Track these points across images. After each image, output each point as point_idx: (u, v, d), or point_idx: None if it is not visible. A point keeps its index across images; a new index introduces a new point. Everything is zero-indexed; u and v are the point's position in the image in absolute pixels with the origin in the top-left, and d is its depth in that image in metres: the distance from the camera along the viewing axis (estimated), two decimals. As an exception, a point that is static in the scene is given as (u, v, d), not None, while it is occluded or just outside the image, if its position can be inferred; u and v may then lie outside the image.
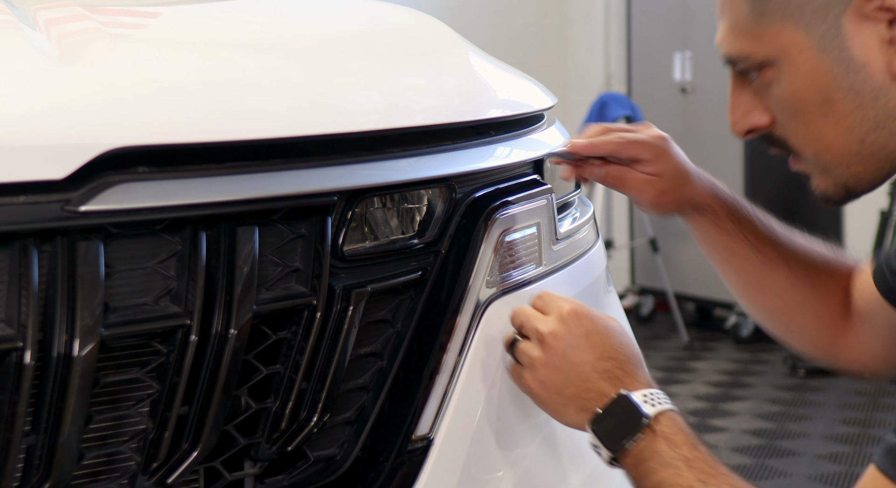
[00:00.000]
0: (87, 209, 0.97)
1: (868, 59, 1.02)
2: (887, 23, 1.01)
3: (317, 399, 1.15)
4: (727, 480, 1.08)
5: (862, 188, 1.10)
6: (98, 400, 1.05)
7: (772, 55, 1.07)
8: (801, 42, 1.04)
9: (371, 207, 1.20)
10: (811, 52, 1.04)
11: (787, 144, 1.12)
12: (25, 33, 1.11)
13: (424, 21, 1.47)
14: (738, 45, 1.09)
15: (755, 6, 1.06)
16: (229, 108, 1.10)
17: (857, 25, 1.02)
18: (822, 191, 1.12)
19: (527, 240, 1.32)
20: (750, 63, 1.09)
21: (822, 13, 1.03)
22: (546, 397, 1.19)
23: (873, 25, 1.01)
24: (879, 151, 1.06)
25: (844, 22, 1.02)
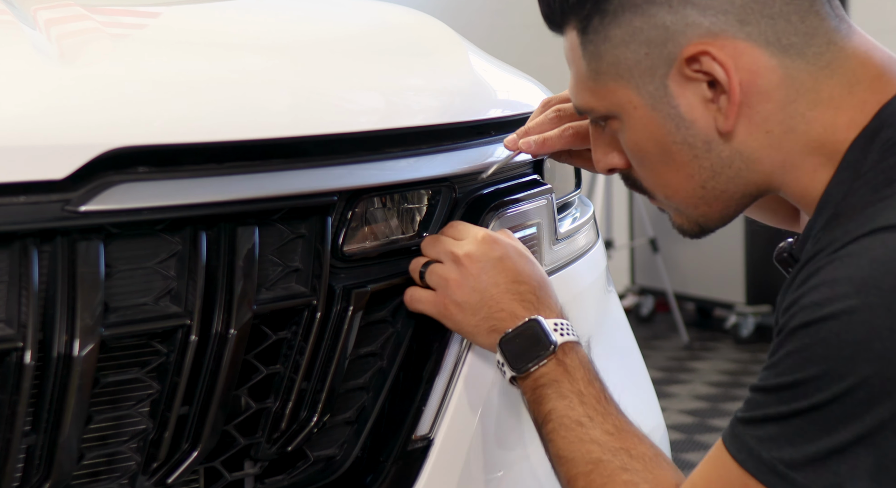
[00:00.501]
0: (87, 209, 0.97)
1: (694, 116, 1.08)
2: (707, 84, 1.07)
3: (317, 399, 1.15)
4: (613, 420, 1.14)
5: (714, 225, 1.17)
6: (98, 400, 1.05)
7: (611, 109, 1.13)
8: (635, 100, 1.10)
9: (371, 207, 1.20)
10: (644, 109, 1.10)
11: (642, 186, 1.19)
12: (25, 33, 1.11)
13: (424, 21, 1.47)
14: (582, 98, 1.16)
15: (591, 65, 1.12)
16: (229, 108, 1.10)
17: (681, 86, 1.08)
18: (679, 226, 1.19)
19: (527, 239, 1.32)
20: (595, 115, 1.16)
21: (649, 74, 1.09)
22: (461, 318, 1.21)
23: (696, 86, 1.07)
24: (721, 194, 1.12)
25: (670, 83, 1.08)
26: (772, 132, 1.08)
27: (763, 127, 1.07)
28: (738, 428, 1.02)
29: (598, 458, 1.11)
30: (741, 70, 1.05)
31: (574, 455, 1.12)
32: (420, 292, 1.22)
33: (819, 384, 0.96)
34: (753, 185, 1.12)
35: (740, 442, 1.01)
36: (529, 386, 1.17)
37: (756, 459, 0.99)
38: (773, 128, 1.07)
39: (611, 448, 1.11)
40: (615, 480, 1.10)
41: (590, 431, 1.13)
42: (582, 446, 1.12)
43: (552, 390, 1.16)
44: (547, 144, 1.32)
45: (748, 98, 1.06)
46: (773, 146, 1.08)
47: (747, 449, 1.00)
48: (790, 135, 1.07)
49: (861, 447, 0.95)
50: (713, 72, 1.05)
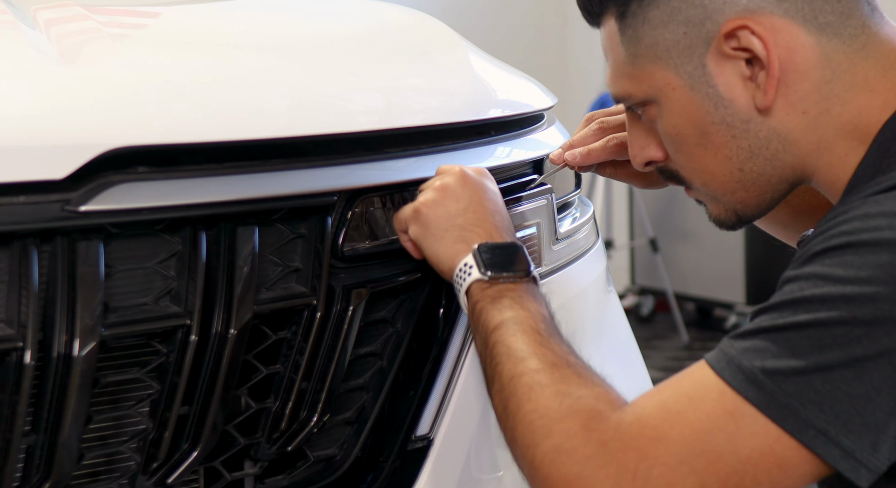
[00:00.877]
0: (87, 209, 0.97)
1: (733, 95, 1.10)
2: (745, 61, 1.08)
3: (317, 399, 1.15)
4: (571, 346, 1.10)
5: (751, 213, 1.18)
6: (98, 400, 1.05)
7: (650, 94, 1.14)
8: (673, 81, 1.11)
9: (371, 207, 1.20)
10: (683, 90, 1.11)
11: (679, 176, 1.19)
12: (25, 33, 1.11)
13: (424, 21, 1.47)
14: (619, 85, 1.16)
15: (629, 50, 1.13)
16: (229, 108, 1.10)
17: (720, 65, 1.09)
18: (717, 216, 1.19)
19: (527, 239, 1.32)
20: (633, 101, 1.16)
21: (688, 54, 1.10)
22: (434, 219, 1.17)
23: (734, 64, 1.09)
24: (759, 178, 1.13)
25: (708, 61, 1.09)
26: (808, 112, 1.09)
27: (800, 107, 1.09)
28: (724, 343, 1.00)
29: (553, 362, 1.06)
30: (779, 46, 1.06)
31: (525, 355, 1.07)
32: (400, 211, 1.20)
33: (830, 303, 0.95)
34: (790, 169, 1.12)
35: (721, 353, 0.99)
36: (491, 294, 1.13)
37: (734, 367, 0.97)
38: (809, 109, 1.09)
39: (568, 362, 1.06)
40: (570, 381, 1.04)
41: (548, 341, 1.09)
42: (539, 349, 1.07)
43: (515, 302, 1.12)
44: (591, 155, 1.34)
45: (786, 75, 1.07)
46: (809, 127, 1.09)
47: (727, 359, 0.98)
48: (825, 116, 1.09)
49: (851, 370, 0.94)
50: (752, 47, 1.06)
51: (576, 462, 0.98)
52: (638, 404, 1.01)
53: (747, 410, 0.96)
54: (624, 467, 0.97)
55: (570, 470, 0.98)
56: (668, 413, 0.98)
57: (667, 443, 0.97)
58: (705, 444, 0.96)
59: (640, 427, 0.98)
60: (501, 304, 1.12)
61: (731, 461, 0.96)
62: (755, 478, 0.96)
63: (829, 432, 0.94)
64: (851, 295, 0.95)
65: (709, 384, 0.98)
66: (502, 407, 1.06)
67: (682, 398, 0.99)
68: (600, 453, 0.98)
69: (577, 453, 0.98)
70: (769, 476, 0.96)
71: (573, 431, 0.99)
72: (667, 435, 0.97)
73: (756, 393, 0.95)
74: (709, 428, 0.97)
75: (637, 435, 0.98)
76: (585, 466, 0.98)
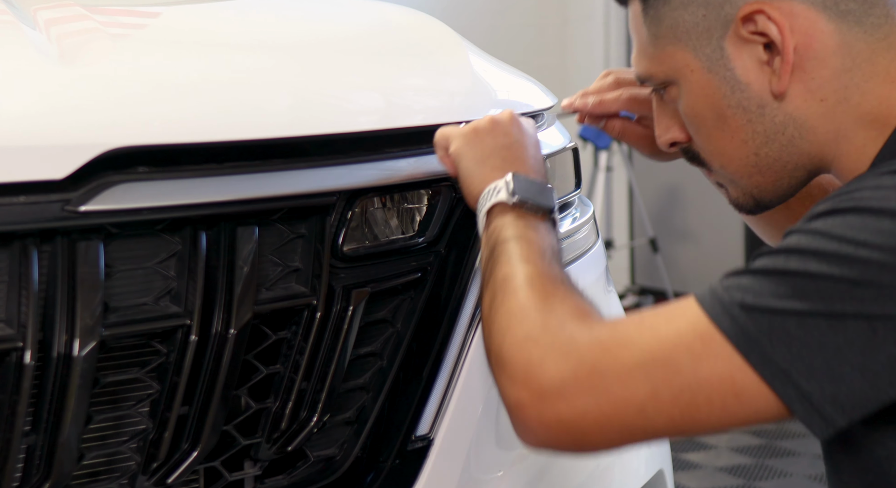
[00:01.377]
0: (87, 209, 0.97)
1: (749, 78, 1.10)
2: (762, 46, 1.09)
3: (317, 399, 1.15)
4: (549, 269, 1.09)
5: (769, 198, 1.18)
6: (98, 400, 1.05)
7: (670, 75, 1.15)
8: (692, 63, 1.13)
9: (371, 207, 1.20)
10: (701, 72, 1.13)
11: (700, 158, 1.20)
12: (25, 33, 1.11)
13: (424, 21, 1.47)
14: (642, 65, 1.18)
15: (651, 30, 1.15)
16: (229, 108, 1.10)
17: (738, 48, 1.10)
18: (735, 200, 1.20)
19: (527, 240, 1.32)
20: (654, 82, 1.18)
21: (707, 37, 1.11)
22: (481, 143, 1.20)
23: (751, 48, 1.09)
24: (774, 163, 1.14)
25: (726, 45, 1.10)
26: (826, 100, 1.09)
27: (818, 94, 1.09)
28: (714, 281, 1.01)
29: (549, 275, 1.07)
30: (797, 32, 1.07)
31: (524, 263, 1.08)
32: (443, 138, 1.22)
33: (823, 257, 0.96)
34: (807, 157, 1.12)
35: (708, 288, 1.00)
36: (510, 217, 1.14)
37: (715, 299, 0.98)
38: (827, 97, 1.09)
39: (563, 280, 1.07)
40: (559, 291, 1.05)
41: (550, 261, 1.10)
42: (539, 262, 1.08)
43: (531, 228, 1.13)
44: (603, 105, 1.36)
45: (803, 62, 1.08)
46: (827, 115, 1.09)
47: (711, 292, 0.99)
48: (844, 105, 1.09)
49: (827, 321, 0.94)
50: (768, 32, 1.07)
51: (540, 348, 0.99)
52: (617, 317, 1.04)
53: (716, 337, 0.96)
54: (584, 361, 0.98)
55: (533, 356, 0.99)
56: (641, 325, 1.00)
57: (631, 347, 0.98)
58: (668, 356, 0.97)
59: (611, 331, 1.00)
60: (517, 225, 1.13)
61: (689, 378, 0.96)
62: (709, 400, 0.96)
63: (790, 372, 0.94)
64: (845, 254, 0.95)
65: (687, 310, 0.99)
66: (489, 303, 1.08)
67: (660, 317, 1.00)
68: (567, 346, 0.99)
69: (544, 341, 0.99)
70: (724, 402, 0.96)
71: (548, 325, 1.01)
72: (633, 341, 0.98)
73: (729, 323, 0.96)
74: (676, 343, 0.97)
75: (606, 338, 0.99)
76: (548, 353, 0.98)
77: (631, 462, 1.44)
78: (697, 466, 3.62)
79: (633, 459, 1.44)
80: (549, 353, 0.98)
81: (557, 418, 0.97)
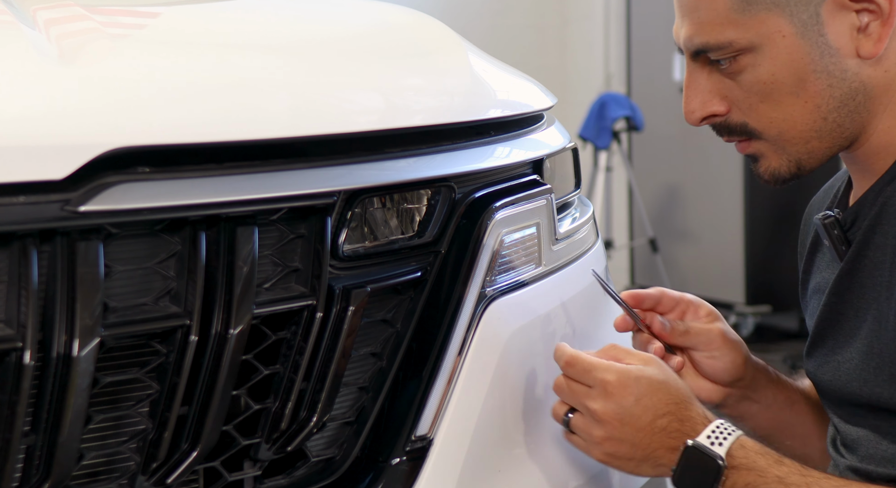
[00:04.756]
0: (87, 209, 0.97)
1: (840, 43, 1.15)
2: (857, 12, 1.14)
3: (317, 399, 1.15)
4: (827, 482, 1.14)
5: (812, 166, 1.22)
6: (98, 400, 1.04)
7: (754, 41, 1.17)
8: (785, 28, 1.16)
9: (371, 207, 1.20)
10: (792, 37, 1.16)
11: (747, 127, 1.22)
12: (25, 33, 1.11)
13: (424, 21, 1.47)
14: (718, 34, 1.18)
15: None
16: (229, 108, 1.10)
17: (834, 14, 1.14)
18: (774, 169, 1.22)
19: (526, 240, 1.32)
20: (730, 50, 1.18)
21: (805, 3, 1.15)
22: (619, 464, 1.23)
23: (846, 14, 1.14)
24: (836, 129, 1.19)
25: (823, 10, 1.15)
26: (889, 71, 1.16)
27: (884, 64, 1.16)
28: None
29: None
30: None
31: None
32: (574, 438, 1.25)
33: None
34: (859, 126, 1.18)
35: None
36: None
37: None
38: (891, 68, 1.16)
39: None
40: None
41: None
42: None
43: None
44: None
45: None
46: (886, 86, 1.16)
47: None
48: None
49: None
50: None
51: None
52: None
53: None
54: None
55: None
56: None
57: None
58: None
59: None
60: None
61: None
62: None
63: None
64: None
65: None
66: None
67: None
68: None
69: None
70: None
71: None
72: None
73: None
74: None
75: None
76: None
77: (631, 462, 1.44)
78: (697, 466, 3.61)
79: (632, 459, 1.44)
80: None
81: None
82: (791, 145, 1.21)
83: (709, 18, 1.18)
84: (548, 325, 1.36)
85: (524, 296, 1.30)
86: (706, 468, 1.16)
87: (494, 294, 1.27)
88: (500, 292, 1.28)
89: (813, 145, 1.20)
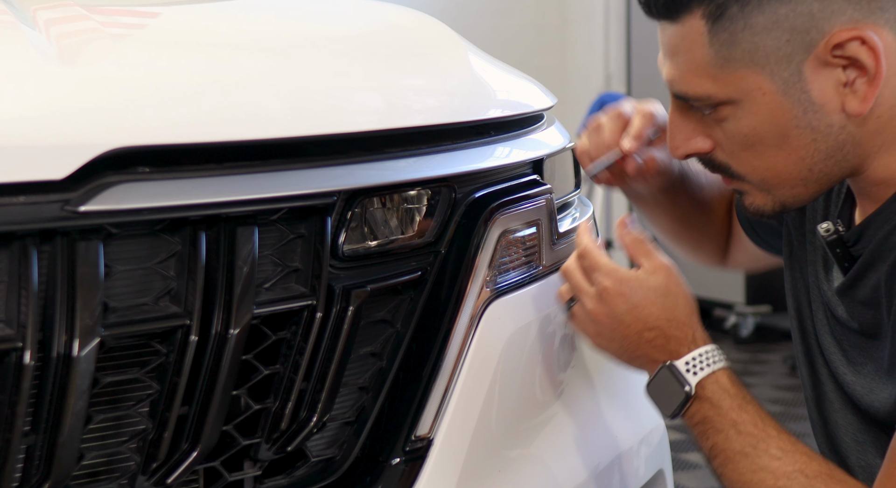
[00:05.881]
0: (87, 209, 0.97)
1: (825, 100, 1.11)
2: (842, 68, 1.10)
3: (316, 399, 1.15)
4: (776, 442, 1.15)
5: (798, 205, 1.21)
6: (98, 400, 1.04)
7: (734, 96, 1.14)
8: (765, 86, 1.12)
9: (371, 207, 1.20)
10: (774, 94, 1.12)
11: (730, 169, 1.20)
12: (25, 33, 1.11)
13: (424, 21, 1.47)
14: (698, 85, 1.15)
15: (721, 53, 1.12)
16: (229, 108, 1.10)
17: (816, 71, 1.10)
18: (758, 206, 1.21)
19: (527, 239, 1.32)
20: (709, 102, 1.16)
21: (786, 61, 1.11)
22: (609, 357, 1.26)
23: (831, 71, 1.10)
24: (823, 177, 1.16)
25: (805, 68, 1.11)
26: (882, 117, 1.12)
27: (876, 111, 1.11)
28: None
29: (774, 486, 1.12)
30: (888, 55, 1.09)
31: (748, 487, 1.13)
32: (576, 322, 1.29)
33: None
34: (850, 168, 1.15)
35: None
36: (688, 425, 1.20)
37: None
38: (883, 114, 1.12)
39: (784, 473, 1.12)
40: None
41: (756, 460, 1.13)
42: (753, 476, 1.13)
43: (707, 426, 1.17)
44: None
45: None
46: (879, 131, 1.12)
47: None
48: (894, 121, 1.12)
49: None
50: (858, 56, 1.08)
51: None
52: None
53: None
54: None
55: None
56: None
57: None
58: None
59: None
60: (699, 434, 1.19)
61: None
62: None
63: None
64: None
65: None
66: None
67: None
68: None
69: None
70: None
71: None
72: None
73: None
74: None
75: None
76: None
77: (631, 462, 1.44)
78: (697, 466, 3.62)
79: (633, 459, 1.44)
80: None
81: None
82: (776, 190, 1.18)
83: (688, 68, 1.15)
84: (548, 325, 1.36)
85: (524, 296, 1.30)
86: (673, 392, 1.18)
87: (494, 294, 1.27)
88: (500, 292, 1.28)
89: (798, 191, 1.17)
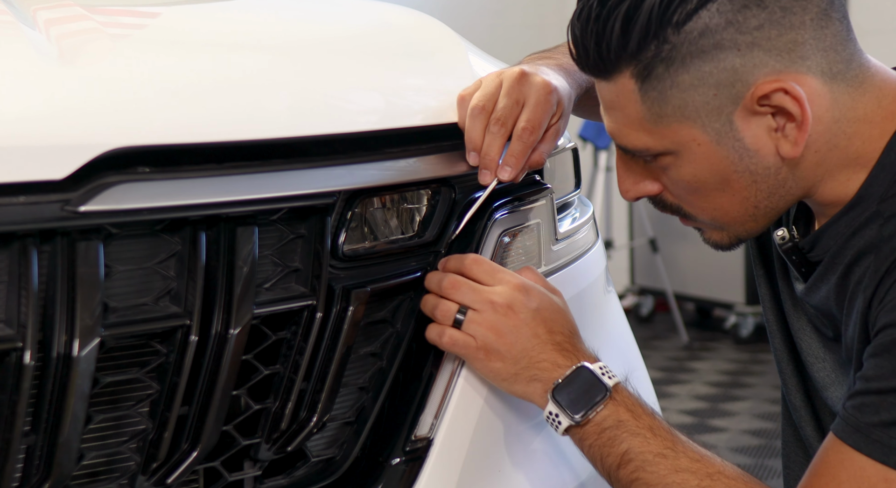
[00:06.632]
0: (87, 209, 0.97)
1: (758, 145, 1.15)
2: (771, 115, 1.13)
3: (317, 399, 1.15)
4: (692, 447, 1.17)
5: (753, 236, 1.27)
6: (98, 400, 1.05)
7: (670, 148, 1.17)
8: (699, 137, 1.15)
9: (371, 207, 1.20)
10: (708, 145, 1.15)
11: (682, 209, 1.24)
12: (25, 33, 1.11)
13: (424, 21, 1.47)
14: (636, 139, 1.18)
15: (653, 109, 1.15)
16: (229, 108, 1.10)
17: (746, 120, 1.13)
18: (716, 241, 1.26)
19: (526, 240, 1.32)
20: (648, 153, 1.19)
21: (716, 113, 1.13)
22: (499, 367, 1.21)
23: (761, 118, 1.13)
24: (770, 212, 1.20)
25: (735, 118, 1.13)
26: (819, 151, 1.15)
27: (812, 147, 1.15)
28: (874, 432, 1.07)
29: (698, 486, 1.13)
30: (811, 103, 1.12)
31: None
32: (458, 335, 1.21)
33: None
34: (795, 199, 1.20)
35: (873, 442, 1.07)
36: (592, 431, 1.18)
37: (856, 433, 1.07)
38: (820, 148, 1.15)
39: (706, 473, 1.14)
40: None
41: (676, 461, 1.15)
42: (676, 477, 1.14)
43: (622, 430, 1.17)
44: None
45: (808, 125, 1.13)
46: (819, 163, 1.16)
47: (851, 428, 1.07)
48: (833, 152, 1.16)
49: None
50: (785, 106, 1.12)
51: None
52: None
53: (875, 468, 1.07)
54: None
55: None
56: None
57: None
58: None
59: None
60: (611, 439, 1.18)
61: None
62: None
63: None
64: None
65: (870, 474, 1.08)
66: None
67: None
68: None
69: None
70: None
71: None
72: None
73: None
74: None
75: None
76: None
77: (631, 462, 1.44)
78: (697, 466, 3.62)
79: (632, 459, 1.44)
80: None
81: None
82: (728, 226, 1.22)
83: (624, 123, 1.18)
84: (548, 325, 1.36)
85: (524, 296, 1.30)
86: (592, 389, 1.18)
87: (494, 294, 1.27)
88: (500, 292, 1.28)
89: (750, 226, 1.22)
